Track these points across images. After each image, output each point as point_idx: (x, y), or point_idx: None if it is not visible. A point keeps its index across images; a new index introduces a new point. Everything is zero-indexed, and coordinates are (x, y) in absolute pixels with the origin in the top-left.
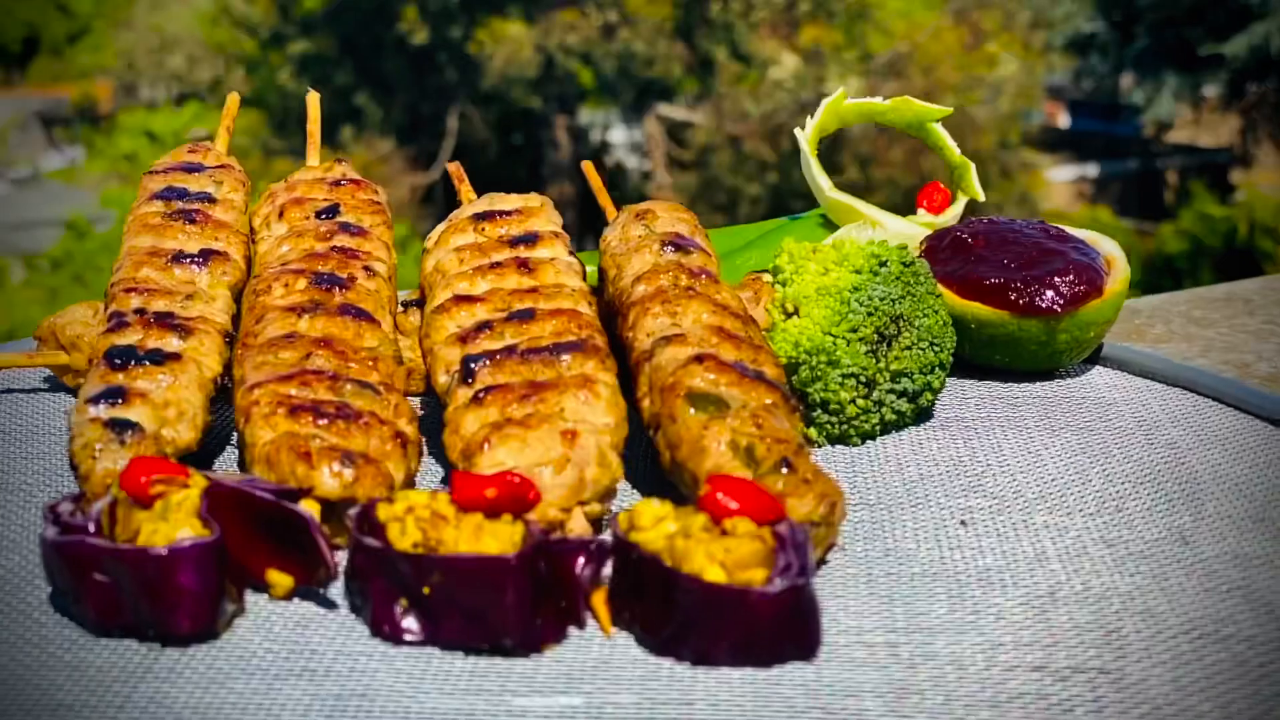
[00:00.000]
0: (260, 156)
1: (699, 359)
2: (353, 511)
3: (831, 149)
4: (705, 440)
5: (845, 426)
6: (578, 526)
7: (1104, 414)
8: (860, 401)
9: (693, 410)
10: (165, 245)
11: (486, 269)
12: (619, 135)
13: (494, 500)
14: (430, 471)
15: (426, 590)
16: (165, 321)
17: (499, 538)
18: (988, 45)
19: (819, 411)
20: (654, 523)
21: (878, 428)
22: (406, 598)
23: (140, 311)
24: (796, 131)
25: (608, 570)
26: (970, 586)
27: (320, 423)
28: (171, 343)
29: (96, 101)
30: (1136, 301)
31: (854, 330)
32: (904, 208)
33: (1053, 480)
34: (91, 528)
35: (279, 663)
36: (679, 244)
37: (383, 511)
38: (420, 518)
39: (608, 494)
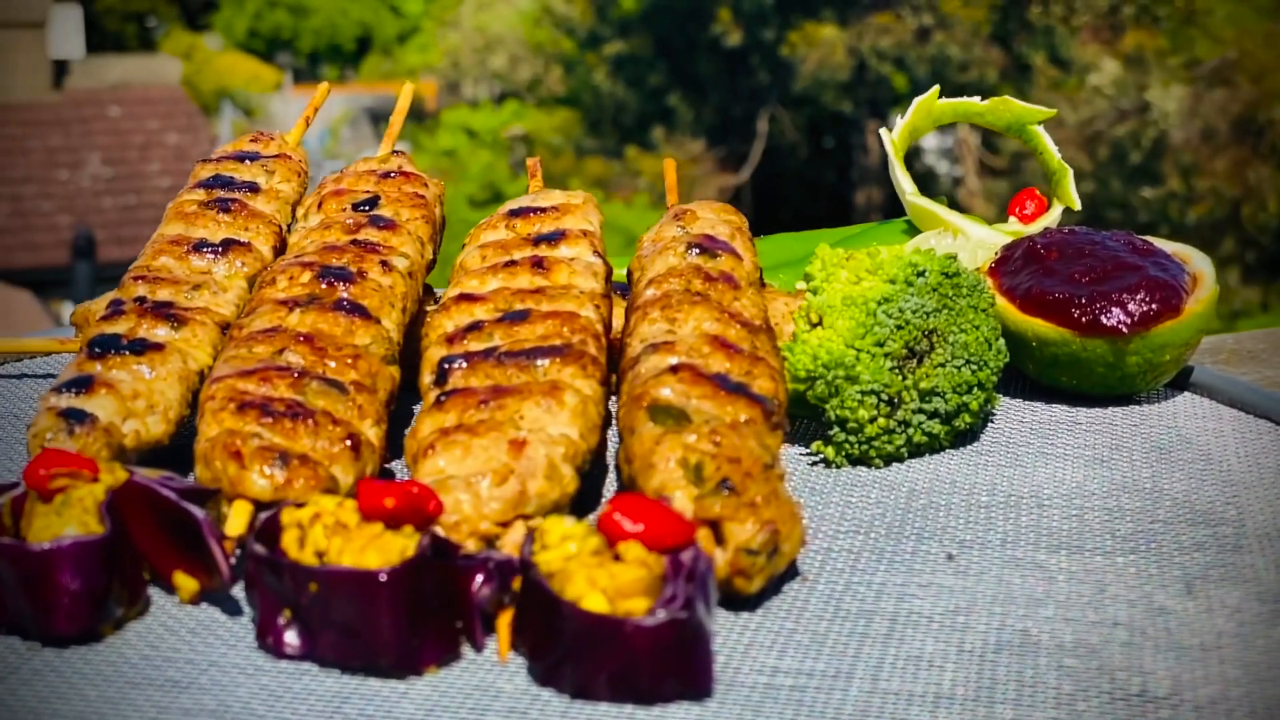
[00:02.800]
0: (572, 156)
1: (674, 369)
2: (261, 516)
3: (1151, 156)
4: (655, 456)
5: (865, 447)
6: (512, 542)
7: (1171, 446)
8: (882, 421)
9: (651, 423)
10: (192, 234)
11: (500, 267)
12: (930, 140)
13: (393, 510)
14: None
15: (304, 602)
16: (161, 311)
17: (387, 551)
18: None
19: (836, 430)
20: (559, 541)
21: (904, 449)
22: (289, 609)
23: (140, 300)
24: (882, 132)
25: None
26: (916, 628)
27: (264, 421)
28: (159, 333)
29: (422, 99)
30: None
31: (880, 344)
32: (1226, 223)
33: (1078, 515)
34: None
35: (145, 671)
36: (706, 247)
37: (287, 517)
38: (326, 525)
39: (556, 509)
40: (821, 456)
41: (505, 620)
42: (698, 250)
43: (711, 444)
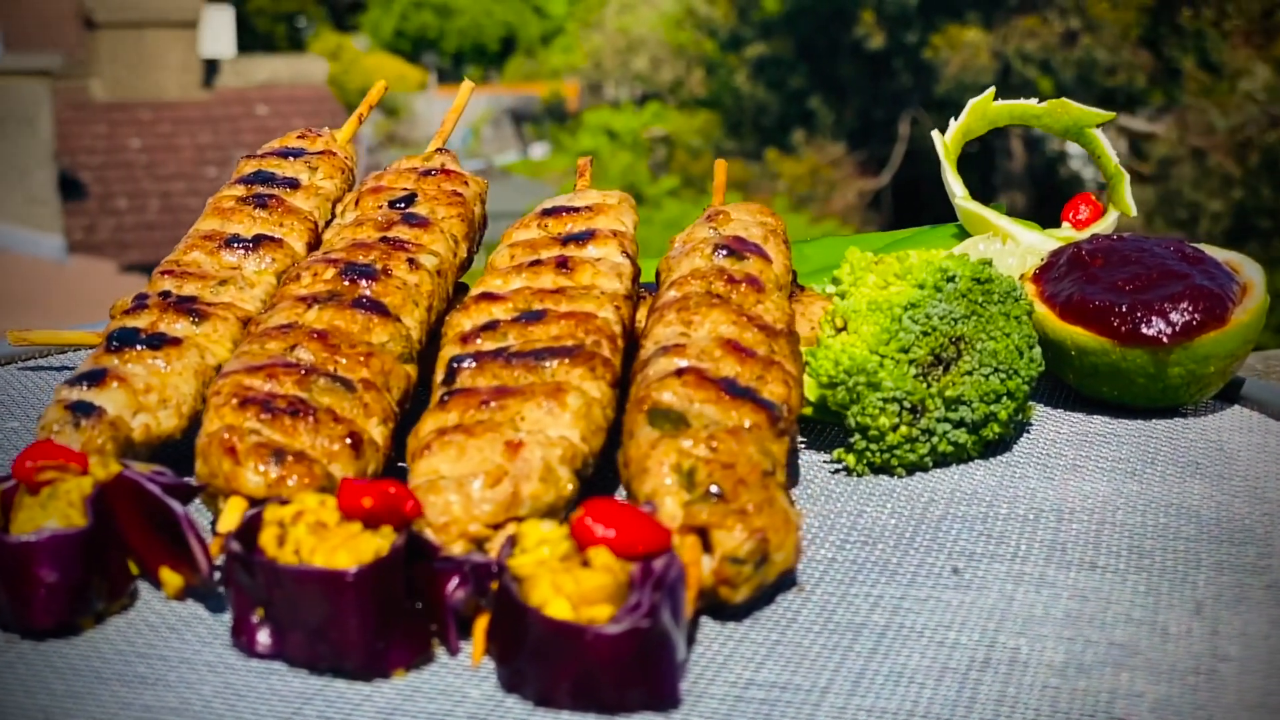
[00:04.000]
0: (711, 158)
1: (679, 372)
2: (247, 513)
3: None
4: (649, 460)
5: (887, 455)
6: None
7: (1209, 461)
8: (904, 429)
9: (649, 427)
10: (226, 229)
11: (525, 266)
12: (1075, 145)
13: (370, 510)
14: None
15: (274, 601)
16: (184, 306)
17: (360, 551)
18: None
19: (857, 437)
20: (535, 545)
21: (928, 458)
22: (262, 608)
23: (165, 294)
24: (934, 134)
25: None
26: (904, 643)
27: (263, 417)
28: (179, 327)
29: (564, 100)
30: None
31: (904, 350)
32: None
33: (1097, 530)
34: None
35: (116, 665)
36: (734, 249)
37: (269, 514)
38: (308, 524)
39: (552, 512)
40: (843, 464)
41: (481, 624)
42: (725, 252)
43: (708, 449)
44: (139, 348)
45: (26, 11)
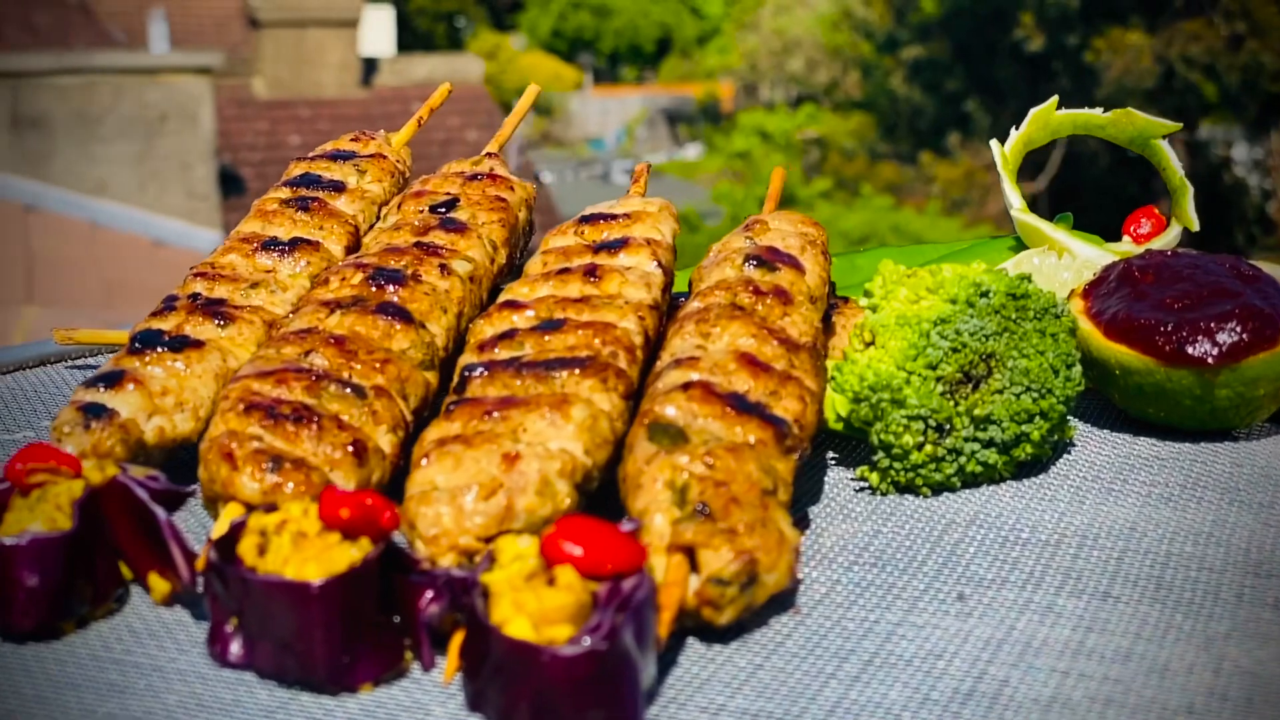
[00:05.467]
0: (865, 160)
1: (686, 386)
2: (234, 520)
3: None
4: (644, 476)
5: (911, 474)
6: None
7: (1251, 488)
8: (929, 448)
9: (648, 441)
10: (266, 232)
11: (554, 274)
12: (1240, 152)
13: (348, 521)
14: None
15: (245, 611)
16: (211, 309)
17: (332, 562)
18: None
19: (881, 455)
20: (510, 561)
21: (955, 479)
22: (236, 617)
23: (194, 296)
24: (994, 144)
25: None
26: (889, 672)
27: (266, 423)
28: (204, 330)
29: (719, 100)
30: None
31: (932, 367)
32: None
33: (1119, 558)
34: None
35: (90, 672)
36: (765, 259)
37: (253, 522)
38: (291, 533)
39: (546, 525)
40: (867, 482)
41: (456, 641)
42: (755, 263)
43: (704, 466)
44: (160, 350)
45: (193, 11)
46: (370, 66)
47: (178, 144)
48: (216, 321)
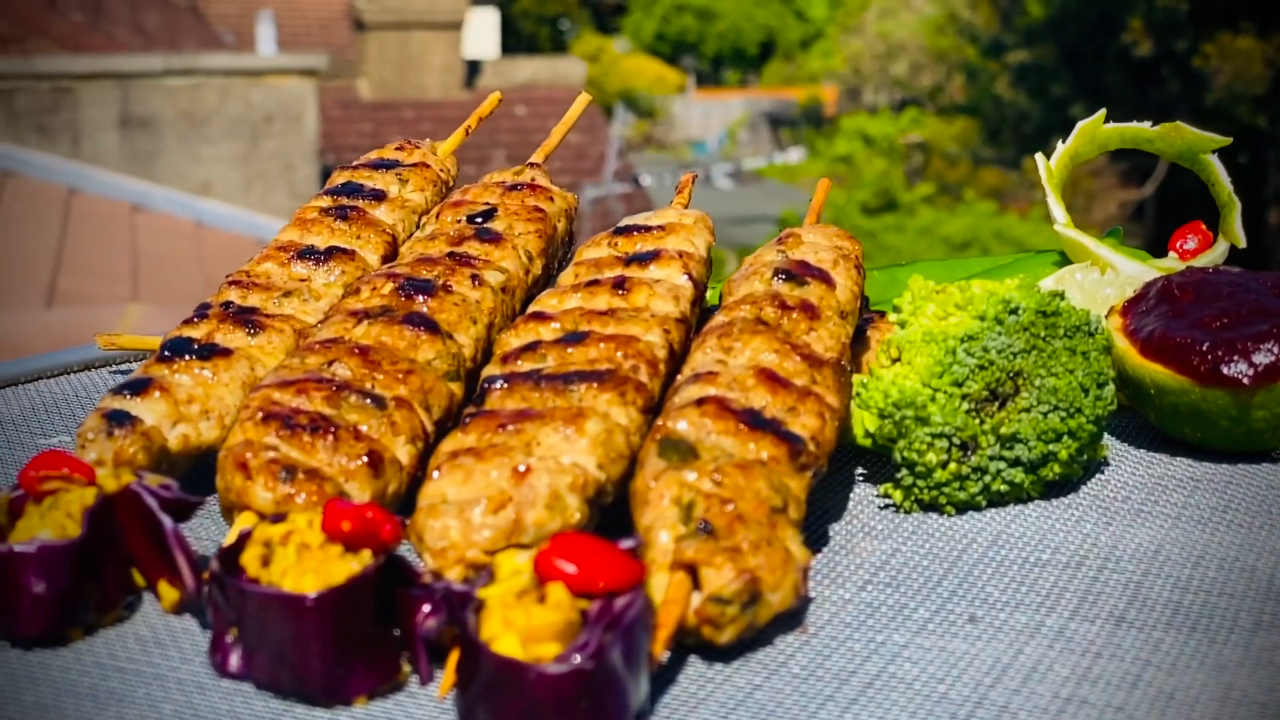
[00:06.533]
0: (969, 165)
1: (700, 401)
2: (242, 531)
3: None
4: (651, 492)
5: (935, 492)
6: None
7: None
8: (953, 466)
9: (658, 457)
10: (304, 240)
11: (583, 286)
12: None
13: (349, 534)
14: None
15: (243, 622)
16: (241, 317)
17: (330, 574)
18: None
19: (904, 473)
20: (509, 576)
21: (980, 497)
22: (236, 627)
23: (226, 304)
24: (1039, 157)
25: None
26: (887, 696)
27: (282, 433)
28: (234, 338)
29: (822, 104)
30: None
31: (957, 384)
32: None
33: (1138, 582)
34: None
35: (92, 679)
36: (794, 274)
37: (258, 533)
38: (297, 544)
39: None
40: (890, 500)
41: (454, 655)
42: (784, 277)
43: (711, 483)
44: (188, 358)
45: (300, 13)
46: (473, 69)
47: (282, 145)
48: (247, 330)
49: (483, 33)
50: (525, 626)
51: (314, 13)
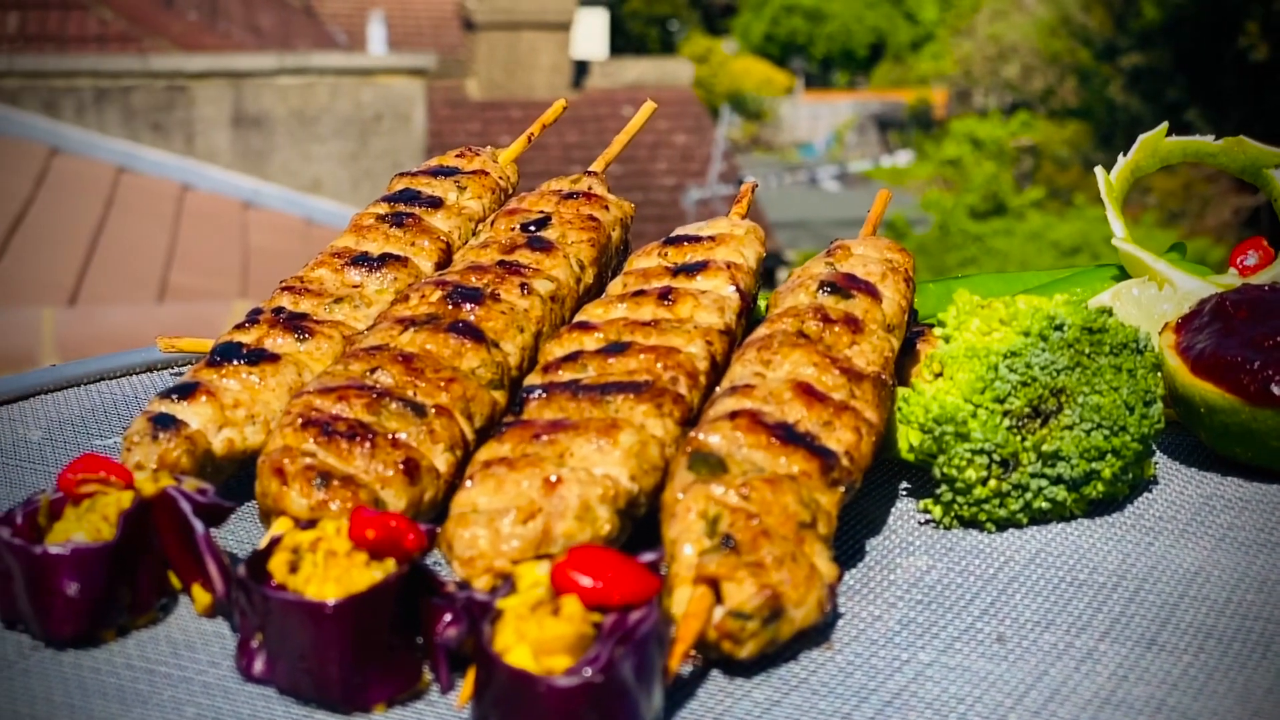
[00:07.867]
0: (1079, 170)
1: (733, 415)
2: (273, 537)
3: None
4: (678, 505)
5: (975, 509)
6: None
7: None
8: (993, 482)
9: (687, 470)
10: (358, 247)
11: (630, 296)
12: None
13: (373, 542)
14: None
15: (266, 627)
16: (292, 323)
17: (352, 582)
18: None
19: (944, 488)
20: (529, 587)
21: (1022, 515)
22: (261, 633)
23: (278, 310)
24: (1098, 170)
25: None
26: (905, 715)
27: (320, 440)
28: (283, 343)
29: (931, 107)
30: None
31: (999, 400)
32: None
33: (1174, 605)
34: (19, 519)
35: (121, 680)
36: (839, 286)
37: (288, 539)
38: (325, 551)
39: None
40: (930, 516)
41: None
42: (829, 289)
43: (738, 497)
44: (236, 362)
45: (411, 12)
46: (581, 69)
47: (390, 143)
48: (296, 336)
49: (591, 33)
50: (538, 638)
51: (424, 12)
